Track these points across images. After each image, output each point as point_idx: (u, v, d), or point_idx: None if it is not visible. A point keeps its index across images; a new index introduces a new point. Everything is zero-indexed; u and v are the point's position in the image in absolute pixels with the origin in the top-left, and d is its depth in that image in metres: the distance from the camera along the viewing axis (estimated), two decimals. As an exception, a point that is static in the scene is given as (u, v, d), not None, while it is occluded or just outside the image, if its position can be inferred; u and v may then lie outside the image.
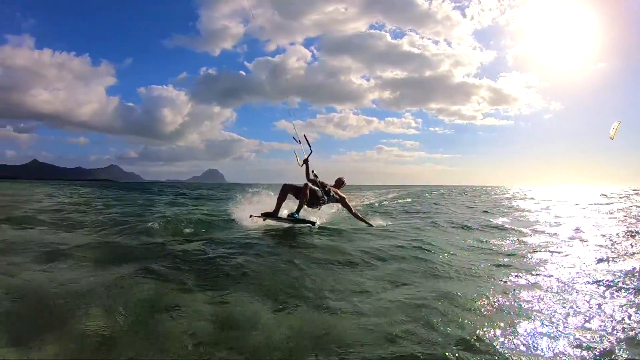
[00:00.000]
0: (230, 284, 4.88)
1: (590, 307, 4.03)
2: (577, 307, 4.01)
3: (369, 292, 4.55)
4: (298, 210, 9.05)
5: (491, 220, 12.19)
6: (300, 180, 9.59)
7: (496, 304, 4.09)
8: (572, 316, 3.75)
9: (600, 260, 6.28)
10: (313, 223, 8.85)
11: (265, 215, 9.08)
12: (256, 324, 3.61)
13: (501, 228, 10.45)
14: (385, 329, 3.44)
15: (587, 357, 2.94)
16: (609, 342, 3.15)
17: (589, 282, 4.93)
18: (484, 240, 8.22)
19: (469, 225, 10.53)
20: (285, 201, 9.43)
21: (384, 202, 22.07)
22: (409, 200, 25.35)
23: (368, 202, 21.28)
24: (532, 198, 31.28)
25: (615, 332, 3.37)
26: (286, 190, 9.37)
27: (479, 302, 4.08)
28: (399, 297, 4.35)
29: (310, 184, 9.30)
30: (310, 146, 9.95)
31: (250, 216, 9.11)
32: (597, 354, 2.95)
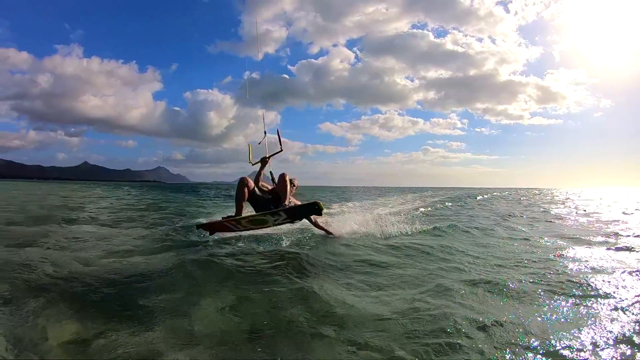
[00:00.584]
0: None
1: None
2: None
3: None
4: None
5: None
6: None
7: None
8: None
9: None
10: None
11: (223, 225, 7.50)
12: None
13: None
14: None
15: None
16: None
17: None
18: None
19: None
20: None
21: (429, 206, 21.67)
22: (448, 204, 24.82)
23: (412, 206, 21.08)
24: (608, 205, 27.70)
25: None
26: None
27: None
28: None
29: (248, 180, 7.70)
30: (281, 144, 8.46)
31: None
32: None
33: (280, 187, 7.71)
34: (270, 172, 8.20)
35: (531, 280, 4.99)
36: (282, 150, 8.31)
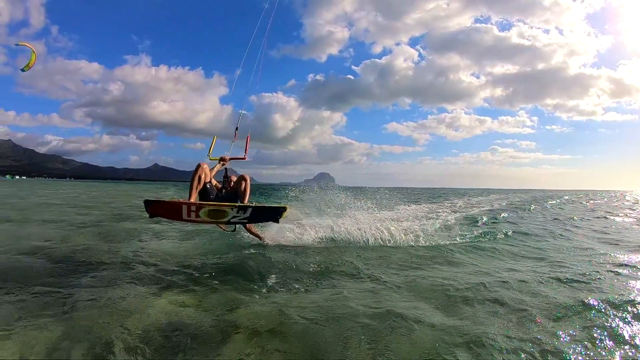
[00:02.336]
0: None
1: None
2: None
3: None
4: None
5: None
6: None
7: None
8: None
9: None
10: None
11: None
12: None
13: None
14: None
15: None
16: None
17: None
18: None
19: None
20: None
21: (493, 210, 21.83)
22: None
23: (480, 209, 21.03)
24: None
25: None
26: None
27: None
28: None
29: (206, 168, 7.46)
30: (246, 152, 8.32)
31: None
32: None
33: (241, 187, 7.71)
34: (226, 168, 7.98)
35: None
36: (244, 158, 8.23)
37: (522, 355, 3.65)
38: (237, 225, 8.09)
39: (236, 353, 3.65)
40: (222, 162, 7.79)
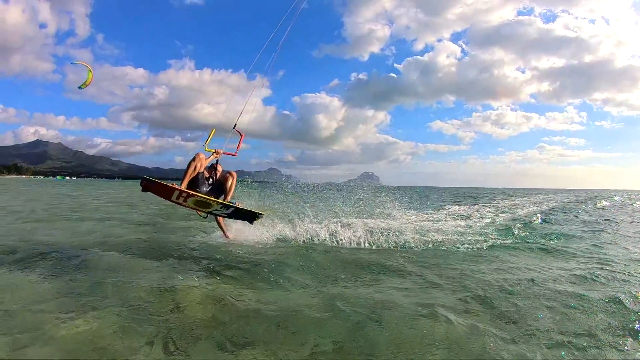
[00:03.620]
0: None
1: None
2: None
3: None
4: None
5: None
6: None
7: None
8: None
9: None
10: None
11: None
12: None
13: None
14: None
15: None
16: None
17: None
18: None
19: None
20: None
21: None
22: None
23: (527, 210, 20.86)
24: None
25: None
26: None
27: None
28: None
29: (202, 159, 8.09)
30: (237, 150, 8.86)
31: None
32: None
33: (227, 183, 8.27)
34: (217, 160, 8.46)
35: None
36: (235, 155, 8.76)
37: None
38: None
39: (297, 341, 3.92)
40: (215, 154, 8.33)
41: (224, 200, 8.01)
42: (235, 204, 7.96)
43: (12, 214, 15.38)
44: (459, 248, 9.09)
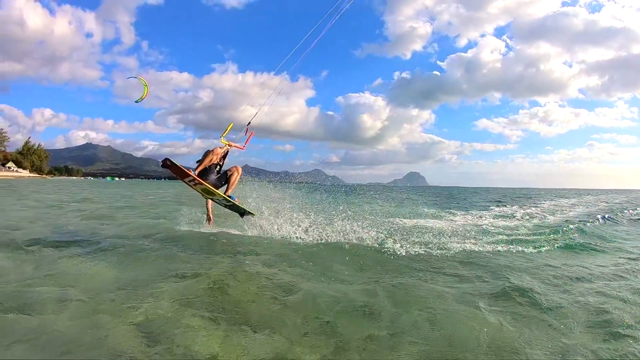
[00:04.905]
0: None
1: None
2: None
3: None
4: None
5: None
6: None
7: None
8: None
9: None
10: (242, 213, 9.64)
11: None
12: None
13: None
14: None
15: None
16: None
17: None
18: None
19: None
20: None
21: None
22: None
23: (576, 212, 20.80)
24: None
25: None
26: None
27: None
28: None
29: (217, 153, 9.16)
30: (246, 144, 9.79)
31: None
32: None
33: (232, 177, 9.33)
34: (227, 152, 9.41)
35: None
36: (242, 148, 9.73)
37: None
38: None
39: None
40: (228, 146, 9.31)
41: (226, 191, 9.15)
42: (234, 199, 9.15)
43: (77, 211, 17.00)
44: (506, 249, 9.28)
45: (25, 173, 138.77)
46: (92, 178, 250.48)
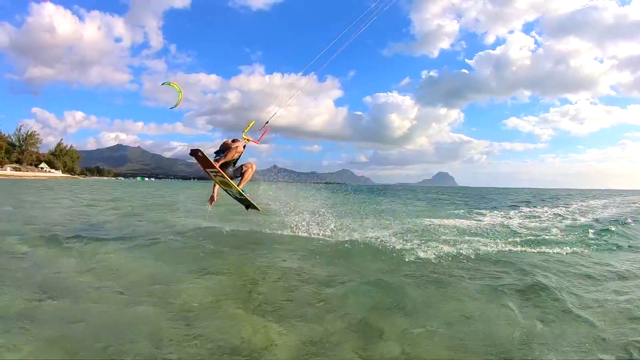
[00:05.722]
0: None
1: None
2: None
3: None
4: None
5: None
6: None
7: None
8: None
9: None
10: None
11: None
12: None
13: None
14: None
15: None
16: None
17: None
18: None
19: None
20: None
21: None
22: None
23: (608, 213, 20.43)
24: None
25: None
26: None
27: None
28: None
29: (235, 146, 9.59)
30: (260, 139, 10.24)
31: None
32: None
33: (247, 173, 9.77)
34: (244, 145, 9.78)
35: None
36: (257, 143, 10.16)
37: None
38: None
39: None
40: (246, 140, 9.83)
41: (239, 185, 9.62)
42: (245, 194, 9.61)
43: (112, 209, 17.99)
44: (536, 249, 9.26)
45: (57, 173, 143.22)
46: (122, 178, 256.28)
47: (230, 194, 10.06)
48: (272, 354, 3.74)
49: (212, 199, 10.30)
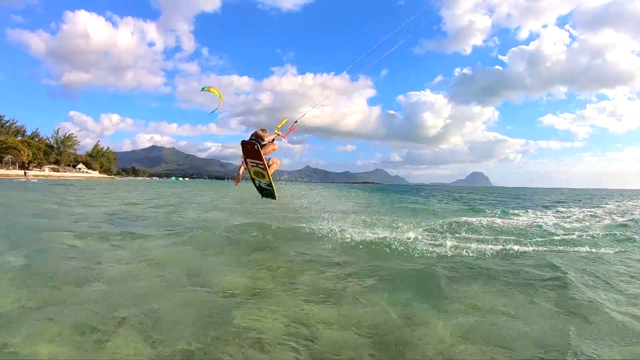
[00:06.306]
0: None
1: None
2: None
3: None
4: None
5: None
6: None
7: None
8: None
9: None
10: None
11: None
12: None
13: None
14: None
15: None
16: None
17: None
18: None
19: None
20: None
21: None
22: None
23: None
24: None
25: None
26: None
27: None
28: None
29: (275, 147, 10.16)
30: (287, 134, 10.64)
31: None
32: None
33: (272, 168, 10.17)
34: (273, 139, 10.16)
35: None
36: (285, 137, 10.50)
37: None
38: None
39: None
40: (277, 135, 10.29)
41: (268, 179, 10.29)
42: (273, 186, 10.21)
43: (154, 206, 18.89)
44: (573, 249, 9.19)
45: (94, 174, 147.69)
46: (157, 178, 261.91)
47: (256, 182, 10.48)
48: (316, 338, 3.97)
49: (237, 178, 10.69)
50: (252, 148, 9.49)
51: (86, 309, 4.45)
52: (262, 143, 9.76)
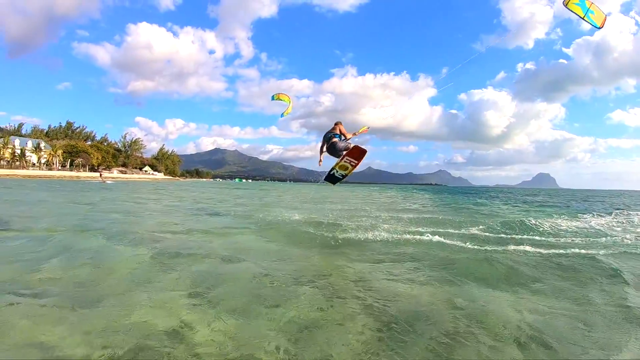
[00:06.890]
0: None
1: None
2: None
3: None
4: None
5: None
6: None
7: None
8: None
9: None
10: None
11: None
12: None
13: None
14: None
15: None
16: None
17: None
18: None
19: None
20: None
21: None
22: None
23: None
24: None
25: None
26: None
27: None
28: None
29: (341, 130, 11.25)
30: (357, 134, 11.51)
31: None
32: None
33: (355, 165, 11.05)
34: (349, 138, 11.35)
35: None
36: (355, 135, 11.48)
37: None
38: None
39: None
40: (354, 134, 11.55)
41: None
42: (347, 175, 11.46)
43: (233, 204, 20.77)
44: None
45: (160, 176, 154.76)
46: (220, 180, 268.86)
47: (334, 171, 11.37)
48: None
49: (320, 161, 11.82)
50: (363, 153, 10.59)
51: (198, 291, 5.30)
52: (343, 139, 11.01)
